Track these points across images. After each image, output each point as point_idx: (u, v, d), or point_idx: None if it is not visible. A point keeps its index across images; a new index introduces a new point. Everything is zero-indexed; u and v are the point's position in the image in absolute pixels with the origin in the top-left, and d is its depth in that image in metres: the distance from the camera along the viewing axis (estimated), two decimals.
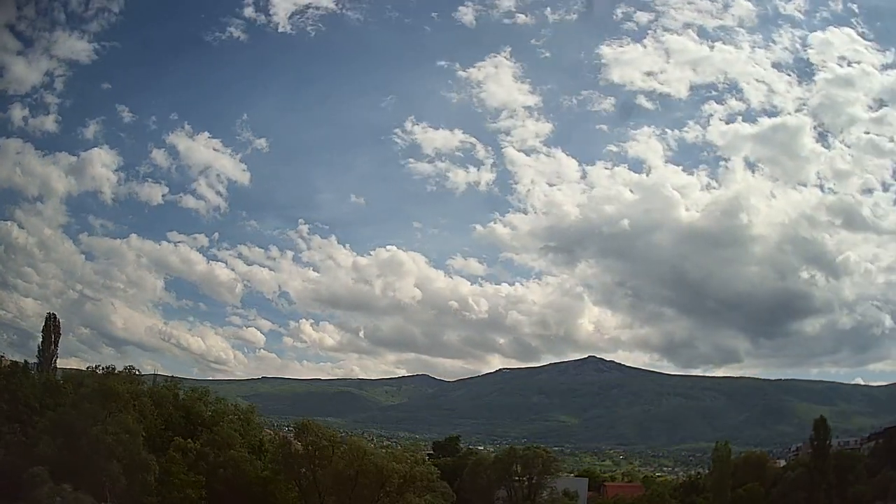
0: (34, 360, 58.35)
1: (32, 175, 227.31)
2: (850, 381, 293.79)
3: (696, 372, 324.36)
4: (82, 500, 38.50)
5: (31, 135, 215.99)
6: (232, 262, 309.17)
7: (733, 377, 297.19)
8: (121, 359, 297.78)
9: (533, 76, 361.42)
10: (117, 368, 53.63)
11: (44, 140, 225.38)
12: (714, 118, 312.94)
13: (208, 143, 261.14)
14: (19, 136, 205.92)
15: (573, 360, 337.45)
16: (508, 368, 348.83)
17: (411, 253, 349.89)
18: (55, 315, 64.71)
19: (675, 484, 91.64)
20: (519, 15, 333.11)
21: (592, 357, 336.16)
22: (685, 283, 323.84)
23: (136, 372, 54.99)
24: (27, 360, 56.54)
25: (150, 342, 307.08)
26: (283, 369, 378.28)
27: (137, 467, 42.45)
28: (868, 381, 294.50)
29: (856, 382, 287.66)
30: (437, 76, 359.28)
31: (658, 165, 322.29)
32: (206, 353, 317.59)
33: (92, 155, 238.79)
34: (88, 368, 55.06)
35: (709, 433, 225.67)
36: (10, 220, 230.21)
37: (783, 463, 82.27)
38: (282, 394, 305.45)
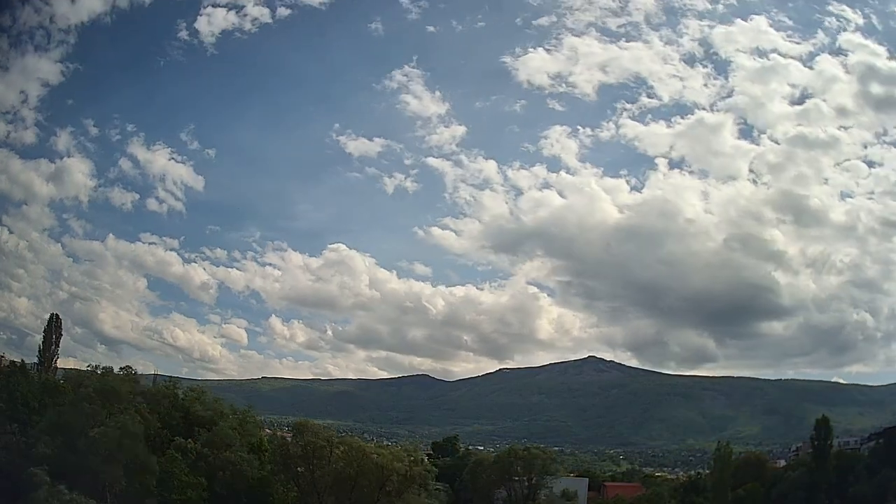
0: (31, 359, 58.37)
1: (17, 182, 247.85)
2: (851, 382, 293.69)
3: (667, 370, 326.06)
4: (82, 502, 38.37)
5: (13, 145, 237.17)
6: (201, 263, 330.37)
7: (733, 377, 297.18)
8: (117, 358, 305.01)
9: (442, 84, 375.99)
10: (115, 368, 53.59)
11: (24, 149, 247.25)
12: (625, 117, 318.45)
13: (163, 152, 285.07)
14: (3, 146, 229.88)
15: (573, 360, 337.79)
16: (508, 368, 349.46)
17: (362, 254, 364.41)
18: (58, 315, 64.89)
19: (675, 484, 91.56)
20: (428, 27, 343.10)
21: (592, 357, 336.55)
22: (637, 284, 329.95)
23: (134, 371, 54.82)
24: (24, 360, 56.49)
25: (142, 341, 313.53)
26: (264, 367, 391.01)
27: (138, 468, 42.35)
28: (852, 381, 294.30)
29: (856, 383, 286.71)
30: (356, 87, 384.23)
31: (575, 165, 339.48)
32: (196, 351, 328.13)
33: (66, 163, 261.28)
34: (89, 367, 54.93)
35: (709, 433, 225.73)
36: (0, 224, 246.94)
37: (783, 463, 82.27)
38: (281, 394, 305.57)
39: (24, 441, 41.96)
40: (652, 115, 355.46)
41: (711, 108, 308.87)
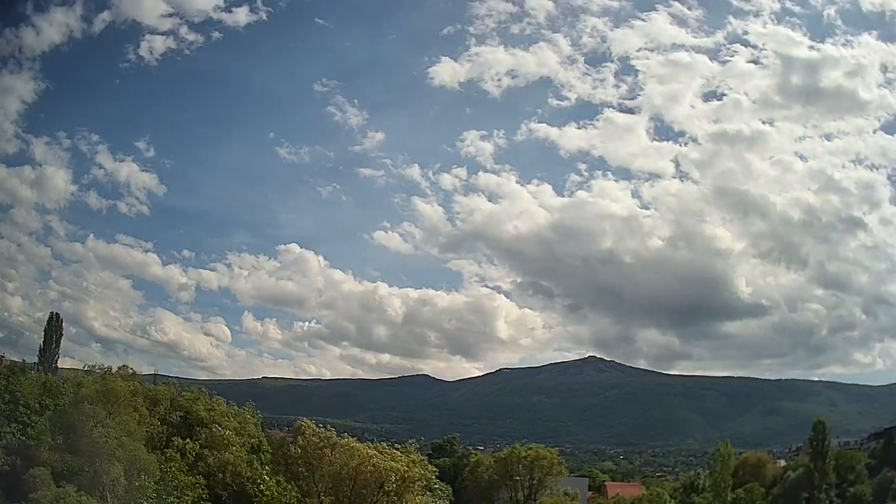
0: (31, 358, 58.38)
1: (3, 187, 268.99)
2: (851, 382, 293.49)
3: (642, 366, 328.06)
4: (84, 502, 38.36)
5: None
6: (175, 264, 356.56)
7: (733, 377, 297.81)
8: (114, 358, 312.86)
9: (360, 94, 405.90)
10: (113, 368, 53.42)
11: (7, 158, 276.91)
12: (536, 120, 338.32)
13: (124, 160, 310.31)
14: None
15: (573, 360, 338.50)
16: (508, 368, 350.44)
17: (317, 255, 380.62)
18: (58, 314, 64.91)
19: (675, 484, 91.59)
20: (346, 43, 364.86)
21: (592, 357, 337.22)
22: (591, 283, 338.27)
23: (132, 371, 54.74)
24: (24, 361, 56.47)
25: (134, 340, 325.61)
26: (248, 366, 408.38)
27: (139, 469, 42.31)
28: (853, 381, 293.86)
29: (855, 383, 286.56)
30: (293, 97, 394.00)
31: (495, 168, 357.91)
32: (186, 349, 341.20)
33: (46, 170, 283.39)
34: (88, 367, 54.79)
35: (709, 433, 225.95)
36: None
37: (783, 463, 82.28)
38: (281, 394, 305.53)
39: (24, 442, 41.97)
40: (563, 117, 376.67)
41: (620, 107, 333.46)
